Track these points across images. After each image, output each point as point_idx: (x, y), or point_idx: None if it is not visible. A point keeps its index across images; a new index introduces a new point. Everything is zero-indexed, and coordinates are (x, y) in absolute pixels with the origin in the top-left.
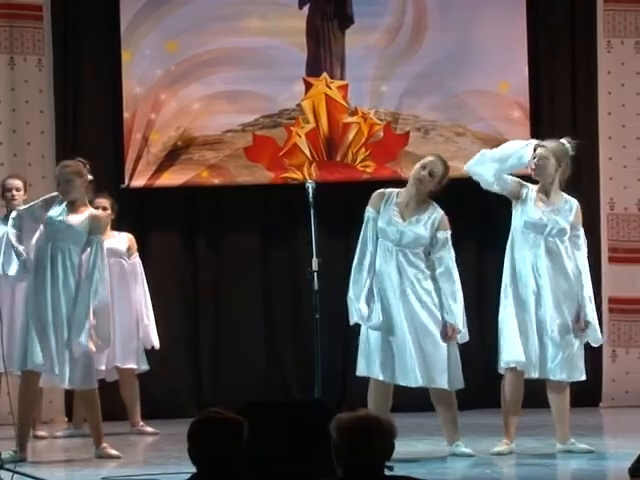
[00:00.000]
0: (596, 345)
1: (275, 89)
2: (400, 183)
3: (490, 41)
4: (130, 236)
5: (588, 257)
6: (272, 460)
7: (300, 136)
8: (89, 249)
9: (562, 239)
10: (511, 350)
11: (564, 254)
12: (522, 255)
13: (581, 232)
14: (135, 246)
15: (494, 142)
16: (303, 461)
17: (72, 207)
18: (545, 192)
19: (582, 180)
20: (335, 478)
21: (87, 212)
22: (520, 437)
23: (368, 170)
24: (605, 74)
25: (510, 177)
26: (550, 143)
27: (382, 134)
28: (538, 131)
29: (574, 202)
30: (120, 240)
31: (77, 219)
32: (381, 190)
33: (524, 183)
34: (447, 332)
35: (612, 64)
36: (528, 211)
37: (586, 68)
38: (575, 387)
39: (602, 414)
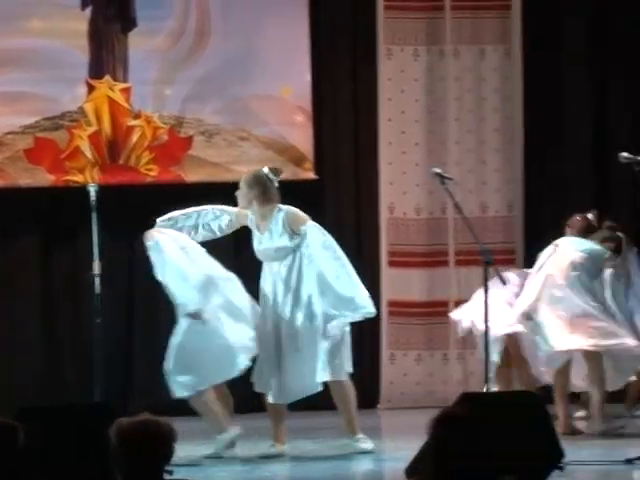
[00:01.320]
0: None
1: (57, 91)
2: (184, 187)
3: (273, 46)
4: None
5: (368, 261)
6: (52, 464)
7: (82, 139)
8: None
9: (287, 257)
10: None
11: (294, 272)
12: (263, 282)
13: (308, 229)
14: None
15: (277, 146)
16: (83, 465)
17: None
18: (255, 221)
19: (362, 185)
20: None
21: None
22: (300, 440)
23: (152, 173)
24: (385, 81)
25: (228, 214)
26: (248, 173)
27: (166, 137)
28: (320, 136)
29: (283, 211)
30: None
31: None
32: None
33: (247, 214)
34: None
35: (392, 71)
36: (253, 241)
37: (367, 74)
38: (354, 389)
39: (380, 415)
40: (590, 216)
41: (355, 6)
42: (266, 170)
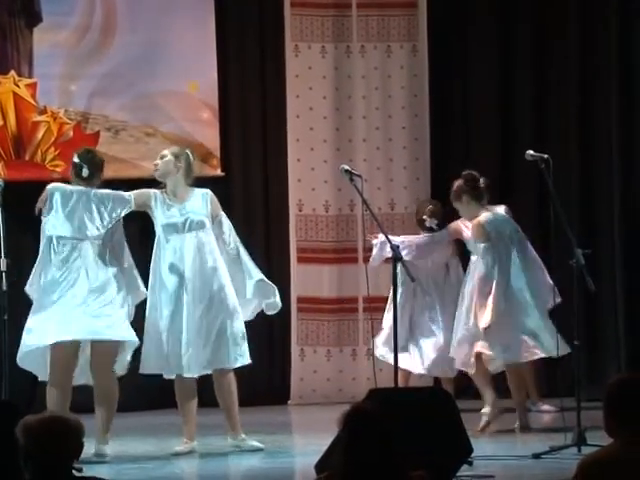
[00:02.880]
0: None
1: None
2: None
3: (179, 42)
4: None
5: (277, 257)
6: None
7: None
8: None
9: (203, 231)
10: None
11: (207, 248)
12: (169, 258)
13: (224, 217)
14: None
15: (184, 143)
16: None
17: None
18: (173, 192)
19: (271, 182)
20: None
21: None
22: (209, 436)
23: (58, 169)
24: (293, 77)
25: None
26: (173, 147)
27: (72, 134)
28: (227, 132)
29: (207, 193)
30: None
31: None
32: None
33: (149, 191)
34: None
35: (300, 68)
36: (163, 215)
37: (275, 71)
38: (264, 385)
39: (290, 412)
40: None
41: (262, 2)
42: (189, 150)
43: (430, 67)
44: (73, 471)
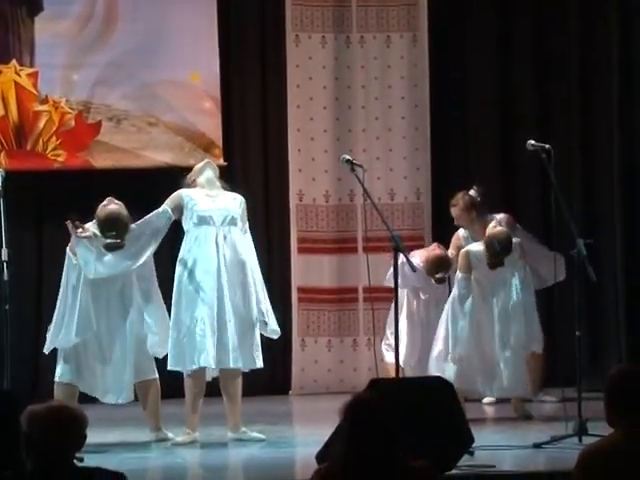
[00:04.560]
0: (275, 337)
1: None
2: (92, 173)
3: (181, 32)
4: None
5: (278, 248)
6: None
7: None
8: None
9: (235, 228)
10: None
11: (239, 243)
12: (204, 249)
13: (247, 226)
14: None
15: (186, 132)
16: None
17: None
18: (210, 187)
19: (271, 172)
20: (23, 470)
21: None
22: (211, 426)
23: (59, 159)
24: (294, 67)
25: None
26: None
27: (73, 123)
28: (229, 123)
29: (239, 197)
30: None
31: None
32: None
33: (178, 193)
34: None
35: (300, 58)
36: (199, 206)
37: (276, 61)
38: (266, 376)
39: (292, 402)
40: (472, 192)
41: None
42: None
43: (430, 57)
44: (75, 461)
